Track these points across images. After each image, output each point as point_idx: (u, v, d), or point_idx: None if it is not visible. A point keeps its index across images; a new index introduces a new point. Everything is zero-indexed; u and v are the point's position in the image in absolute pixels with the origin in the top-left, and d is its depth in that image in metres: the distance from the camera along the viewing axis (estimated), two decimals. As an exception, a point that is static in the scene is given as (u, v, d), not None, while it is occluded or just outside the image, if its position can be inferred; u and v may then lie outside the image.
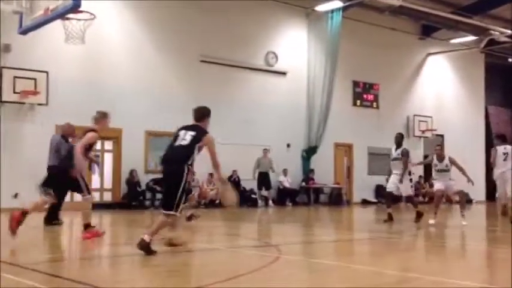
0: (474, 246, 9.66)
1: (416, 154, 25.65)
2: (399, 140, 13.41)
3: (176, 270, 6.41)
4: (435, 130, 25.35)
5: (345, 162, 23.40)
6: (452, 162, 12.53)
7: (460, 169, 12.60)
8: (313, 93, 21.82)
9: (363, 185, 22.98)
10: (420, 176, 25.23)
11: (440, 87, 26.91)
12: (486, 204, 26.27)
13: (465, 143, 27.00)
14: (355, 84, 23.78)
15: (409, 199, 13.36)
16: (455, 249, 9.72)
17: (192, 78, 19.36)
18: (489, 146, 29.02)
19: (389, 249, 9.22)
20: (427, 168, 25.41)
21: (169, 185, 6.92)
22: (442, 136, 26.42)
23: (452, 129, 26.56)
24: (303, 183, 21.46)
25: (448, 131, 26.43)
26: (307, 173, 21.59)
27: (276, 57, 21.45)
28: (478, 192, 27.20)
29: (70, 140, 10.85)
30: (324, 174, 22.01)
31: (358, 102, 23.86)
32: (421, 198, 24.57)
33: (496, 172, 13.55)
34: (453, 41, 25.56)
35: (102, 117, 8.98)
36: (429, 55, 26.40)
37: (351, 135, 23.15)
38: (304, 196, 21.47)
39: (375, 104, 24.29)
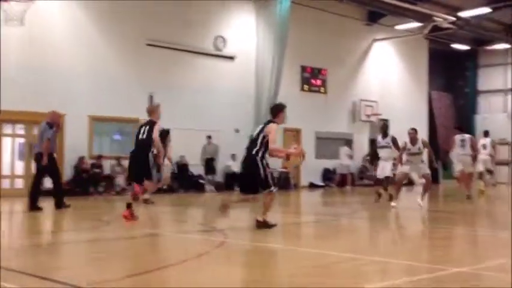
0: (416, 227, 9.98)
1: (363, 138, 26.25)
2: (385, 128, 14.52)
3: (115, 255, 6.36)
4: (380, 114, 25.85)
5: (293, 147, 23.58)
6: (425, 145, 13.42)
7: (430, 152, 13.58)
8: (262, 78, 21.84)
9: (310, 169, 23.25)
10: (366, 159, 25.76)
11: (386, 73, 27.43)
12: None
13: (409, 127, 27.61)
14: (303, 69, 23.95)
15: (388, 179, 14.08)
16: (398, 230, 10.01)
17: (139, 62, 19.02)
18: (432, 130, 29.92)
19: (334, 231, 9.41)
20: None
21: (247, 173, 8.55)
22: (387, 120, 26.96)
23: (397, 114, 27.15)
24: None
25: (393, 116, 26.97)
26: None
27: (225, 41, 21.33)
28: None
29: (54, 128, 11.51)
30: (272, 158, 22.06)
31: (306, 87, 24.06)
32: (366, 181, 25.13)
33: (456, 155, 15.26)
34: (398, 27, 26.04)
35: (156, 108, 9.95)
36: (375, 41, 26.82)
37: (299, 120, 23.31)
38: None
39: (322, 89, 24.55)
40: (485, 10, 25.08)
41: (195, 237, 8.20)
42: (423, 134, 28.78)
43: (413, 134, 13.21)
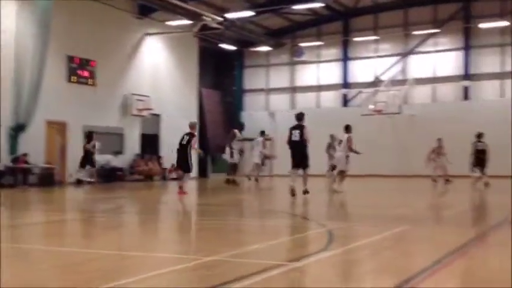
0: (182, 220, 10.04)
1: (134, 133, 25.91)
2: (348, 126, 15.96)
3: None
4: (152, 109, 25.82)
5: (58, 141, 22.23)
6: (349, 141, 15.51)
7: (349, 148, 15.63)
8: (22, 68, 20.03)
9: (77, 165, 22.11)
10: (137, 154, 25.48)
11: (158, 68, 27.47)
12: (198, 180, 27.92)
13: (180, 123, 28.09)
14: (70, 59, 22.66)
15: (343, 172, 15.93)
16: (162, 224, 9.97)
17: None
18: (202, 125, 30.86)
19: (96, 228, 8.99)
20: (152, 146, 25.78)
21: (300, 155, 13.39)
22: (158, 116, 27.09)
23: (168, 109, 27.42)
24: (11, 164, 19.74)
25: (164, 111, 27.20)
26: (16, 152, 19.90)
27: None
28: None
29: None
30: (34, 153, 20.55)
31: (74, 78, 22.83)
32: (136, 176, 24.91)
33: (336, 153, 17.01)
34: (169, 23, 26.26)
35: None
36: (147, 35, 26.66)
37: (65, 113, 22.06)
38: (10, 178, 19.75)
39: (91, 81, 23.53)
40: (249, 13, 26.69)
41: None
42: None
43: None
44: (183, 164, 15.18)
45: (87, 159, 21.24)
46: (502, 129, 25.78)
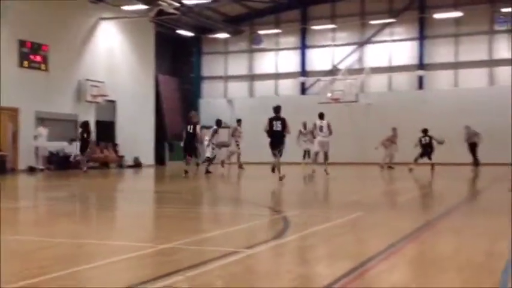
0: (139, 208, 9.91)
1: (89, 119, 25.37)
2: (322, 113, 18.44)
3: None
4: (107, 96, 25.36)
5: (10, 128, 21.61)
6: (330, 126, 18.01)
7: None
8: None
9: (30, 152, 21.59)
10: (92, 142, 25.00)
11: (113, 53, 26.96)
12: (155, 167, 27.69)
13: (136, 109, 27.79)
14: (22, 43, 21.99)
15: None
16: (119, 212, 9.84)
17: None
18: (159, 113, 30.54)
19: (50, 216, 8.80)
20: (103, 133, 25.36)
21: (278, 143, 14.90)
22: (114, 102, 26.64)
23: (124, 95, 27.00)
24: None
25: (120, 97, 26.78)
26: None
27: None
28: (148, 156, 28.47)
29: None
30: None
31: (26, 63, 22.19)
32: (92, 164, 24.46)
33: (317, 139, 18.51)
34: (125, 7, 25.78)
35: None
36: (101, 19, 26.11)
37: (17, 99, 21.46)
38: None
39: (43, 66, 22.91)
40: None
41: None
42: (149, 116, 29.29)
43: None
44: (192, 150, 17.33)
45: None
46: (455, 118, 26.44)
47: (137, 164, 27.19)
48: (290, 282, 4.14)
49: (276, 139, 14.94)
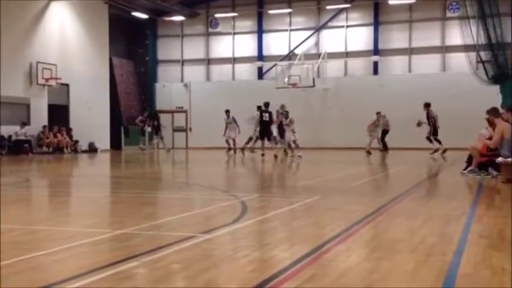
0: (95, 194, 9.74)
1: (41, 103, 24.76)
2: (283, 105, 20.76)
3: None
4: (60, 79, 24.73)
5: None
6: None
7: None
8: None
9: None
10: (44, 126, 24.42)
11: (65, 35, 26.24)
12: (111, 152, 27.26)
13: (90, 92, 27.20)
14: (-31, 24, 21.19)
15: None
16: (71, 198, 9.64)
17: None
18: (114, 96, 30.00)
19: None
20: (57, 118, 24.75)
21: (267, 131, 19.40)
22: (67, 85, 26.02)
23: (78, 79, 26.39)
24: None
25: (73, 80, 26.17)
26: None
27: None
28: (103, 141, 27.99)
29: None
30: None
31: (-27, 44, 21.39)
32: (44, 148, 23.92)
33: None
34: (78, -12, 25.12)
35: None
36: (52, 1, 25.34)
37: (-36, 81, 20.70)
38: None
39: (-7, 49, 22.14)
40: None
41: None
42: (104, 100, 28.73)
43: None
44: (268, 135, 19.56)
45: None
46: (408, 103, 26.91)
47: (92, 149, 26.71)
48: (247, 266, 4.15)
49: (264, 128, 19.27)
